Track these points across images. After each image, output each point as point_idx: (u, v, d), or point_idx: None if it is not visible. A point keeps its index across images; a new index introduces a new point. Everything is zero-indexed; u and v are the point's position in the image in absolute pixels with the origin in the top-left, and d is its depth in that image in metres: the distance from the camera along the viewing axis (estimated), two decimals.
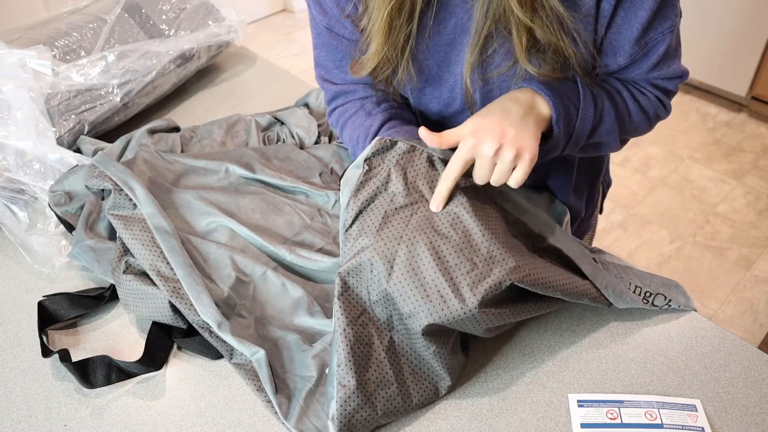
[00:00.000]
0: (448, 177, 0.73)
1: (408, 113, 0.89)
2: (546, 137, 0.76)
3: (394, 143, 0.78)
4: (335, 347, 0.69)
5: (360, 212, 0.76)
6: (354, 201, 0.76)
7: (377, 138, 0.79)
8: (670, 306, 0.80)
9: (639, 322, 0.80)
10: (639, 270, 0.82)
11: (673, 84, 0.83)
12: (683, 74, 0.82)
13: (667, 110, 0.86)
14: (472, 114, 0.83)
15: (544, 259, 0.75)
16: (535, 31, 0.71)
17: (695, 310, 0.81)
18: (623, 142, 0.86)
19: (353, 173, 0.79)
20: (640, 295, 0.78)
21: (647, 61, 0.78)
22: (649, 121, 0.85)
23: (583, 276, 0.76)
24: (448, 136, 0.73)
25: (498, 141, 0.70)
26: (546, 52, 0.74)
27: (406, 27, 0.76)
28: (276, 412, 0.70)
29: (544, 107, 0.74)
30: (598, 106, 0.79)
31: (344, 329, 0.69)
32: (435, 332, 0.70)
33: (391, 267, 0.70)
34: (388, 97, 0.88)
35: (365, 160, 0.78)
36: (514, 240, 0.75)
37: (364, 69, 0.80)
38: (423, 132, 0.74)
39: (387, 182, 0.76)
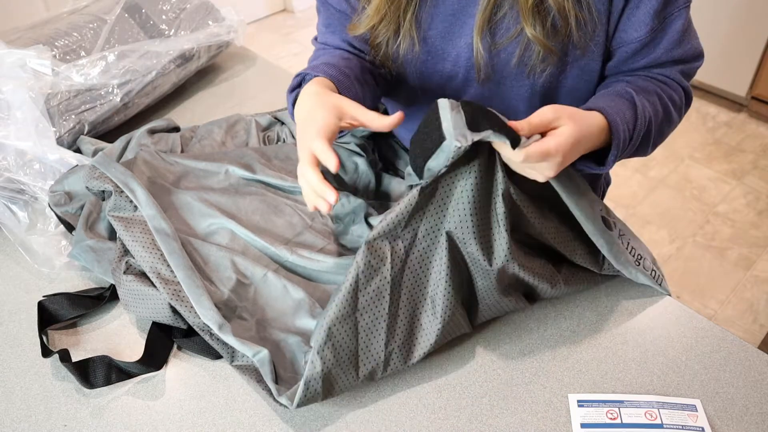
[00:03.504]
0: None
1: (366, 75, 0.87)
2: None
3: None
4: (319, 324, 0.70)
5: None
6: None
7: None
8: (654, 274, 0.81)
9: (639, 323, 0.80)
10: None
11: (699, 63, 0.83)
12: (702, 53, 0.82)
13: (689, 102, 0.85)
14: (478, 81, 0.83)
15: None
16: None
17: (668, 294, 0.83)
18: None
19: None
20: (633, 256, 0.79)
21: (667, 36, 0.78)
22: (679, 119, 0.84)
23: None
24: (536, 124, 0.67)
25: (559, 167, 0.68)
26: (548, 15, 0.74)
27: None
28: (275, 399, 0.69)
29: (605, 140, 0.73)
30: (651, 139, 0.78)
31: (329, 328, 0.69)
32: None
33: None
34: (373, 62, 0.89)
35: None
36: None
37: (362, 25, 0.80)
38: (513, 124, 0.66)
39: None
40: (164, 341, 0.78)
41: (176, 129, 1.09)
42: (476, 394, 0.73)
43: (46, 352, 0.77)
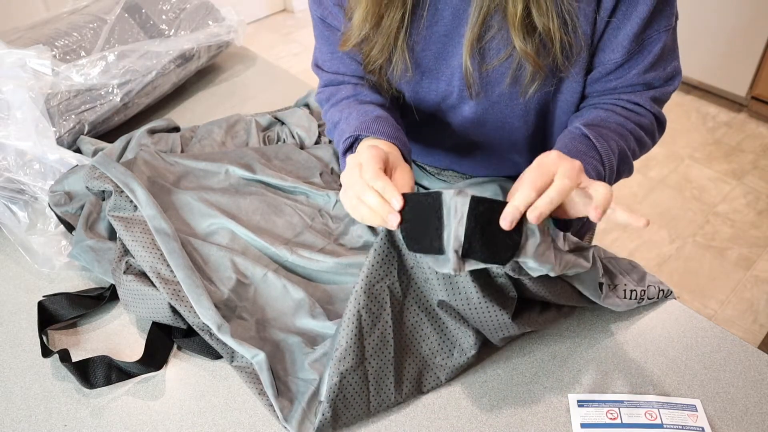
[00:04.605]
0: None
1: (395, 112, 0.88)
2: None
3: None
4: (326, 384, 0.69)
5: None
6: None
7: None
8: (661, 294, 0.81)
9: (639, 323, 0.80)
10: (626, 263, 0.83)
11: (672, 87, 0.83)
12: (679, 72, 0.82)
13: (663, 127, 0.85)
14: (471, 98, 0.83)
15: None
16: (530, 5, 0.71)
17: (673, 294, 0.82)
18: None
19: None
20: (634, 298, 0.79)
21: (642, 60, 0.78)
22: (652, 143, 0.85)
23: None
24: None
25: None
26: (534, 33, 0.74)
27: (395, 8, 0.76)
28: (278, 417, 0.70)
29: None
30: (623, 175, 0.81)
31: (338, 377, 0.68)
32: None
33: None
34: (380, 90, 0.88)
35: None
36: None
37: (350, 41, 0.80)
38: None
39: None
40: (164, 341, 0.78)
41: (176, 129, 1.09)
42: (476, 394, 0.73)
43: (46, 352, 0.77)
